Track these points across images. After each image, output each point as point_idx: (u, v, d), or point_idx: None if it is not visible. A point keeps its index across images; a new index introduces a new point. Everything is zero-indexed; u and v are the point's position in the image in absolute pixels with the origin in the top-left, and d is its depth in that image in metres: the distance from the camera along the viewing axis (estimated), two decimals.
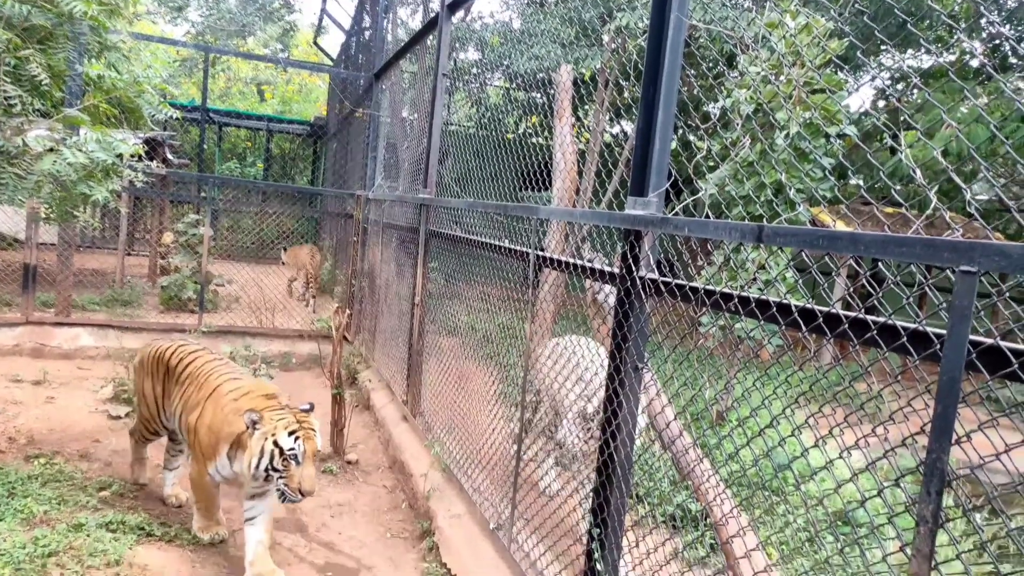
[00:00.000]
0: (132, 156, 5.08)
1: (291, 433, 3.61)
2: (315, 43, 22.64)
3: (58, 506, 4.28)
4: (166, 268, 11.43)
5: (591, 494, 3.09)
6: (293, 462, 3.57)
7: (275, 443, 3.58)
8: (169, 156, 12.58)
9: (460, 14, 6.38)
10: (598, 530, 2.97)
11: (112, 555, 3.79)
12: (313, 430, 3.70)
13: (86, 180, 4.56)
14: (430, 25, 6.64)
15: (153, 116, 6.12)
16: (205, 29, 24.21)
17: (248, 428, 3.64)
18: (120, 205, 11.38)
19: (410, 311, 6.32)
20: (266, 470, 3.61)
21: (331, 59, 20.40)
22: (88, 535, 3.93)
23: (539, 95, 9.25)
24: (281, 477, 3.60)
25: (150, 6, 23.43)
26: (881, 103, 14.26)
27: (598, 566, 2.94)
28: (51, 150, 4.51)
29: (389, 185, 8.93)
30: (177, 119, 6.49)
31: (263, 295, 11.24)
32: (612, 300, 3.18)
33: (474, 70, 9.44)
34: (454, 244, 5.36)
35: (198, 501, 4.19)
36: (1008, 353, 1.46)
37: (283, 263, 13.08)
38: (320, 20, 20.65)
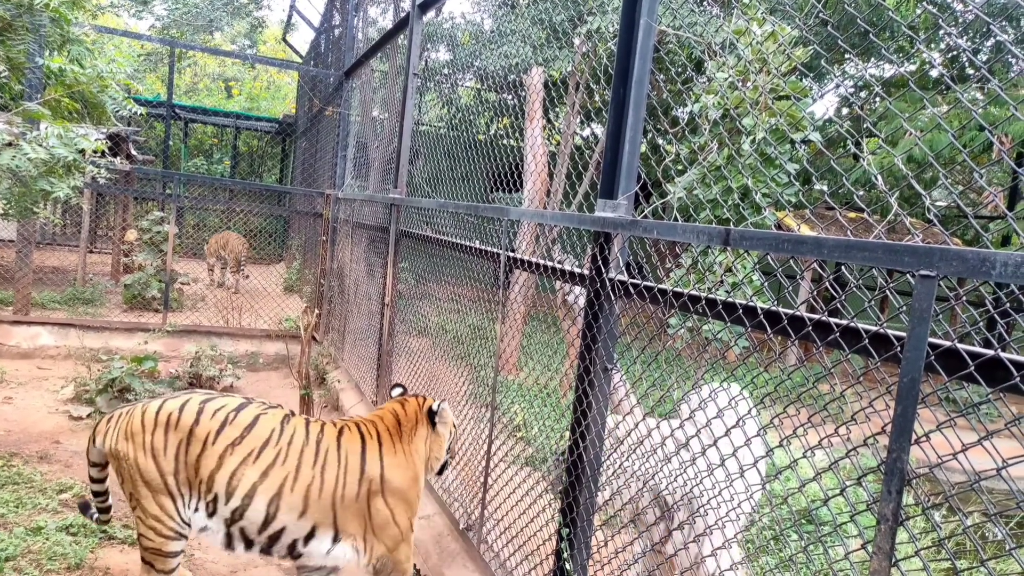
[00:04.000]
0: (95, 152, 4.98)
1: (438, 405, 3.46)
2: (284, 40, 22.39)
3: (16, 509, 4.18)
4: (129, 266, 11.23)
5: (560, 494, 3.11)
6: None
7: (453, 424, 3.53)
8: (133, 152, 12.34)
9: (431, 13, 6.36)
10: (567, 530, 2.99)
11: (72, 559, 3.71)
12: None
13: (46, 176, 4.46)
14: (401, 24, 6.62)
15: (117, 111, 6.01)
16: (171, 23, 23.76)
17: (441, 420, 3.40)
18: (82, 201, 11.16)
19: (380, 311, 6.29)
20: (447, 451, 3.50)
21: (300, 56, 20.20)
22: (47, 538, 3.85)
23: (510, 97, 9.27)
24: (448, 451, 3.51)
25: None
26: (844, 110, 14.56)
27: (567, 565, 2.96)
28: (10, 144, 4.41)
29: (359, 184, 8.87)
30: (142, 115, 6.36)
31: (229, 294, 11.08)
32: (582, 301, 3.20)
33: (446, 70, 9.43)
34: (425, 244, 5.35)
35: None
36: (965, 355, 1.50)
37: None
38: (289, 16, 20.41)
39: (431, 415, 3.38)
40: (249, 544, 3.14)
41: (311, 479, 3.10)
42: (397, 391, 3.69)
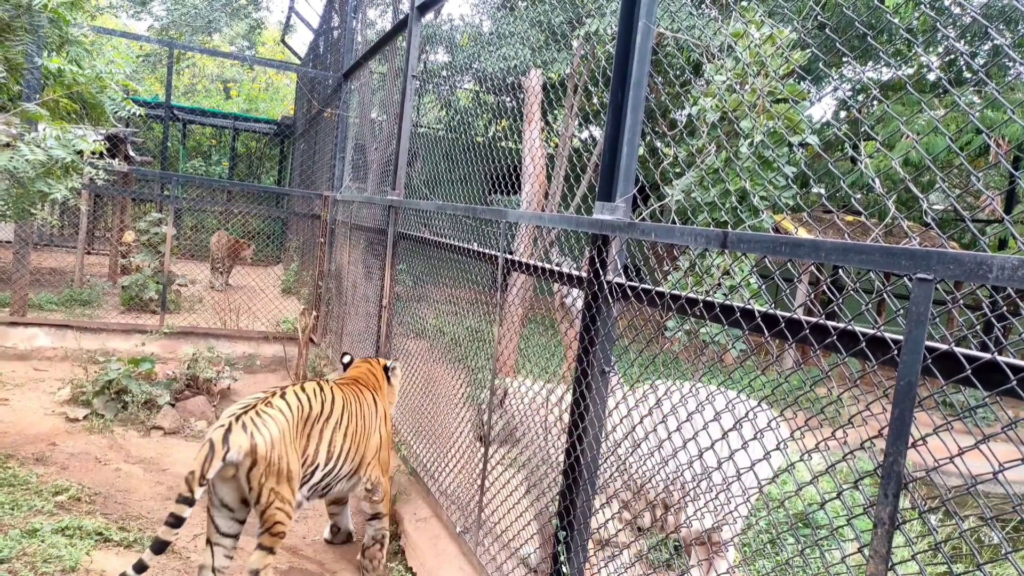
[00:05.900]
0: (93, 153, 4.98)
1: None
2: (283, 41, 22.39)
3: (11, 511, 4.16)
4: (127, 267, 11.21)
5: (558, 497, 3.11)
6: None
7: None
8: (131, 153, 12.33)
9: (430, 15, 6.36)
10: (564, 532, 2.98)
11: (68, 561, 3.70)
12: None
13: (44, 177, 4.45)
14: (400, 26, 6.61)
15: (115, 112, 6.01)
16: (169, 24, 23.74)
17: (394, 375, 4.51)
18: (80, 203, 11.15)
19: (378, 313, 6.28)
20: None
21: (299, 58, 20.19)
22: (43, 541, 3.83)
23: (509, 99, 9.28)
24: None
25: None
26: (842, 114, 14.58)
27: (564, 568, 2.95)
28: (7, 145, 4.40)
29: (357, 186, 8.86)
30: (140, 116, 6.36)
31: (227, 296, 11.08)
32: (580, 304, 3.20)
33: (444, 72, 9.43)
34: (422, 246, 5.34)
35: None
36: (962, 359, 1.50)
37: None
38: (288, 18, 20.42)
39: (386, 371, 4.43)
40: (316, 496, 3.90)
41: (363, 429, 3.97)
42: (347, 358, 4.66)
